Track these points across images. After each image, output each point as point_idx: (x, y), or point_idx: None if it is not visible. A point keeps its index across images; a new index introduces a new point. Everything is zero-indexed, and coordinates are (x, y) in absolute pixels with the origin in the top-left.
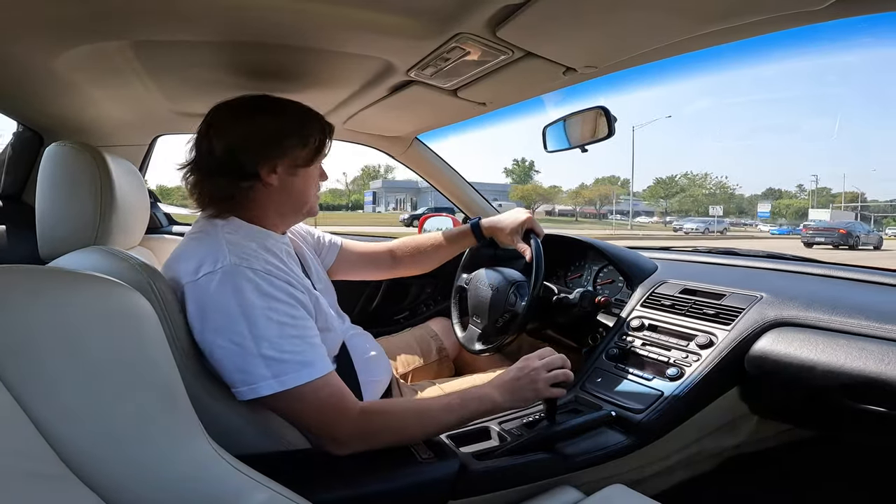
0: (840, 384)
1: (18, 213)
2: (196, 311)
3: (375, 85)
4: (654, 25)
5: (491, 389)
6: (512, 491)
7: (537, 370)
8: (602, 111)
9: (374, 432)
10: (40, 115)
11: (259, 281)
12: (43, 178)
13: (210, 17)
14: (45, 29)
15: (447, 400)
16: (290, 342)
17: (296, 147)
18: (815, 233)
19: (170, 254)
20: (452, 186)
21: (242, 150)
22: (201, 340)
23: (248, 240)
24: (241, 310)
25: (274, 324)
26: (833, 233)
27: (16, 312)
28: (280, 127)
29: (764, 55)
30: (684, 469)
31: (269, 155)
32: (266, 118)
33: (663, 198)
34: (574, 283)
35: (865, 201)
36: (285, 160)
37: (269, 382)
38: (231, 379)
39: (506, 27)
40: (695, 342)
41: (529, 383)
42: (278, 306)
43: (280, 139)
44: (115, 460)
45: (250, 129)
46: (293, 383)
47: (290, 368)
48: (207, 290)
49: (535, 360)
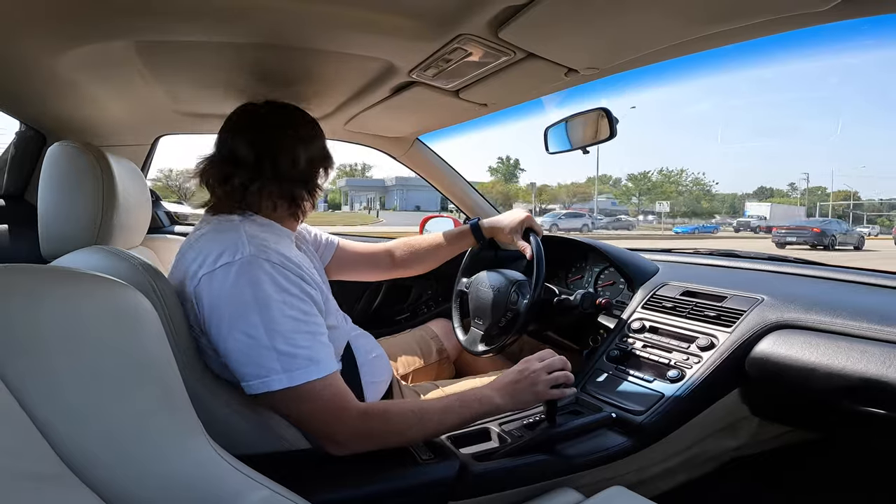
0: (841, 387)
1: (21, 212)
2: (211, 302)
3: (377, 86)
4: (656, 27)
5: (491, 391)
6: (512, 492)
7: (537, 372)
8: (604, 112)
9: (374, 433)
10: (43, 115)
11: (275, 274)
12: (45, 178)
13: (213, 18)
14: (48, 28)
15: (447, 402)
16: (302, 337)
17: (329, 156)
18: (786, 232)
19: (174, 253)
20: (454, 187)
21: (312, 160)
22: (215, 333)
23: (266, 234)
24: (256, 302)
25: (288, 318)
26: (806, 231)
27: (17, 312)
28: (321, 136)
29: (766, 56)
30: (685, 471)
31: (319, 164)
32: (314, 129)
33: (635, 195)
34: (575, 284)
35: (859, 199)
36: (324, 164)
37: (279, 377)
38: (242, 372)
39: (508, 28)
40: (696, 344)
41: (530, 385)
42: (293, 301)
43: (324, 144)
44: (115, 460)
45: (314, 141)
46: (302, 379)
47: (301, 364)
48: (225, 281)
49: (536, 361)
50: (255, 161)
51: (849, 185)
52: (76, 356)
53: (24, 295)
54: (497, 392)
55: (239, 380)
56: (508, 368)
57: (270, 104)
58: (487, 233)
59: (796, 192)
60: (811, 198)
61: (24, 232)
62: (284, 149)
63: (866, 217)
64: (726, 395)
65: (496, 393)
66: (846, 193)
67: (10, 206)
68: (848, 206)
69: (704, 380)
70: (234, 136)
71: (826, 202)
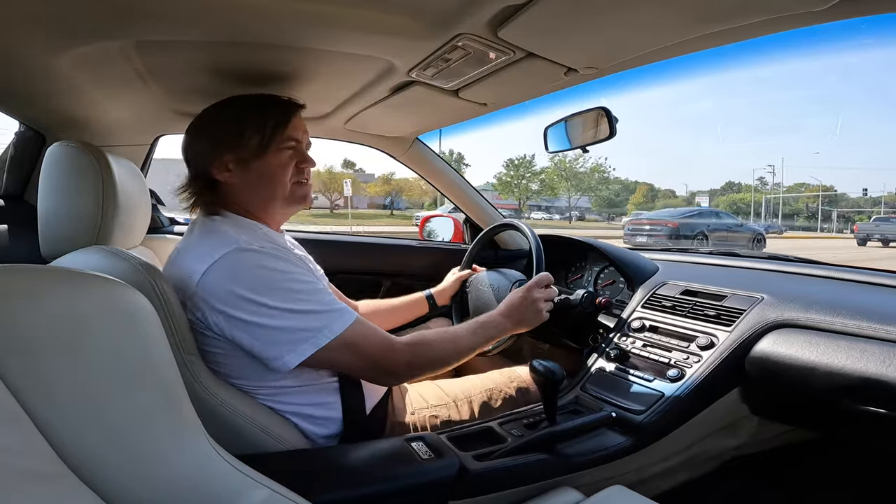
0: (841, 386)
1: (20, 212)
2: (219, 297)
3: (377, 85)
4: (655, 26)
5: (500, 316)
6: (512, 492)
7: (537, 300)
8: (603, 112)
9: (423, 358)
10: (42, 115)
11: (268, 257)
12: (45, 178)
13: (212, 18)
14: (47, 28)
15: (468, 325)
16: (322, 294)
17: (240, 139)
18: (635, 227)
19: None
20: (453, 187)
21: (195, 152)
22: (230, 328)
23: (247, 227)
24: (269, 281)
25: (302, 283)
26: (661, 227)
27: (17, 312)
28: (221, 123)
29: (765, 55)
30: (685, 470)
31: (215, 153)
32: (211, 117)
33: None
34: (575, 283)
35: (834, 193)
36: (232, 154)
37: (324, 332)
38: (278, 350)
39: (507, 28)
40: (695, 343)
41: (532, 304)
42: (295, 271)
43: (222, 135)
44: (116, 460)
45: (200, 131)
46: (344, 326)
47: (336, 316)
48: (225, 273)
49: (536, 289)
50: (187, 161)
51: (816, 178)
52: (76, 356)
53: (24, 295)
54: (506, 316)
55: (274, 360)
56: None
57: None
58: (439, 299)
59: (767, 187)
60: (774, 194)
61: (23, 232)
62: (191, 143)
63: (835, 213)
64: (726, 395)
65: (505, 317)
66: (815, 189)
67: (10, 206)
68: (816, 201)
69: (704, 379)
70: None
71: (793, 196)
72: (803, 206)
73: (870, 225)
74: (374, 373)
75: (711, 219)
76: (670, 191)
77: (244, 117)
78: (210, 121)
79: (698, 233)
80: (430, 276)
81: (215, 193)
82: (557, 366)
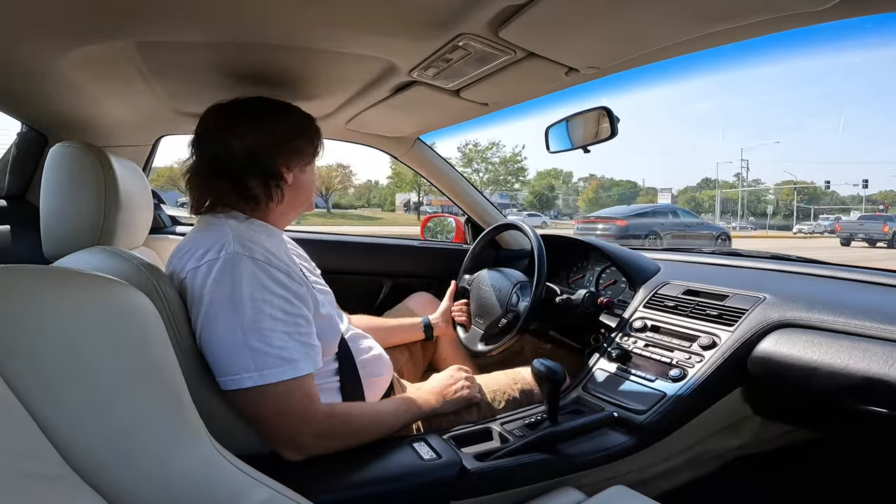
0: (843, 386)
1: (23, 212)
2: (194, 297)
3: (378, 85)
4: (657, 26)
5: (429, 395)
6: (513, 492)
7: (461, 380)
8: (605, 112)
9: (336, 433)
10: (44, 116)
11: (258, 271)
12: (47, 178)
13: (214, 18)
14: (49, 29)
15: (396, 403)
16: (279, 336)
17: (305, 146)
18: (585, 227)
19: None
20: (455, 187)
21: (266, 151)
22: (199, 329)
23: (251, 231)
24: (236, 298)
25: (266, 316)
26: (610, 226)
27: (19, 312)
28: (291, 128)
29: (766, 55)
30: (687, 470)
31: (287, 155)
32: (278, 120)
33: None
34: (577, 283)
35: (814, 189)
36: (297, 158)
37: (251, 375)
38: (217, 368)
39: (508, 28)
40: (698, 343)
41: (458, 389)
42: (273, 299)
43: (292, 139)
44: (118, 460)
45: (269, 131)
46: (274, 378)
47: (274, 363)
48: (207, 277)
49: (460, 371)
50: (202, 160)
51: (790, 172)
52: (78, 356)
53: (26, 295)
54: (433, 395)
55: (217, 376)
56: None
57: (233, 102)
58: (436, 330)
59: (744, 184)
60: (750, 189)
61: (26, 232)
62: (214, 142)
63: (813, 211)
64: (728, 395)
65: (432, 396)
66: (793, 185)
67: (12, 206)
68: (793, 198)
69: (706, 379)
70: (194, 136)
71: (773, 193)
72: (780, 203)
73: (853, 223)
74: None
75: (667, 217)
76: (631, 182)
77: (303, 124)
78: (272, 115)
79: (649, 232)
80: (432, 277)
81: (264, 195)
82: (559, 366)
